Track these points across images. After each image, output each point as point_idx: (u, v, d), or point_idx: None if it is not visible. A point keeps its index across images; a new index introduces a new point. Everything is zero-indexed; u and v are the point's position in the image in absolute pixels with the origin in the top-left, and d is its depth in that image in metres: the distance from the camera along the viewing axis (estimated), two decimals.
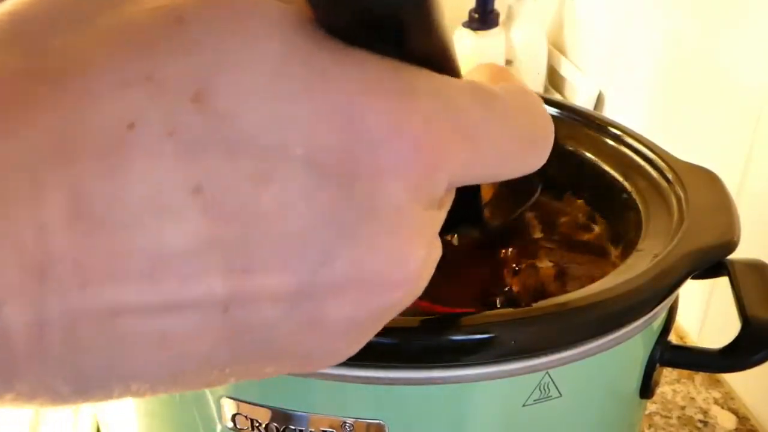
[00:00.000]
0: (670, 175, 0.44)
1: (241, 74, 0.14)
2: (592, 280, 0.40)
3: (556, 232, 0.49)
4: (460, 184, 0.18)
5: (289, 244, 0.15)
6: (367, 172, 0.15)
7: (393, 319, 0.32)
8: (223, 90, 0.14)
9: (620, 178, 0.47)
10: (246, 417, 0.34)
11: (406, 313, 0.37)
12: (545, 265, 0.44)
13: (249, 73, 0.14)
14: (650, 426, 0.59)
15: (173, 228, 0.14)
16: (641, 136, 0.48)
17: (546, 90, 0.99)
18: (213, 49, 0.14)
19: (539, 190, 0.40)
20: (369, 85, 0.15)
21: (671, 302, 0.39)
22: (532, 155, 0.19)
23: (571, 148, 0.51)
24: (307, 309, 0.15)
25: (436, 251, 0.18)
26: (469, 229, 0.30)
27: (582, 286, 0.37)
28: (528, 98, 0.20)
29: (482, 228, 0.31)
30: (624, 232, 0.46)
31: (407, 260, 0.16)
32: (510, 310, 0.37)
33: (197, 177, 0.14)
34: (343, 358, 0.17)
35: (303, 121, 0.15)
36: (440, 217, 0.18)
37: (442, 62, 0.18)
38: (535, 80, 0.97)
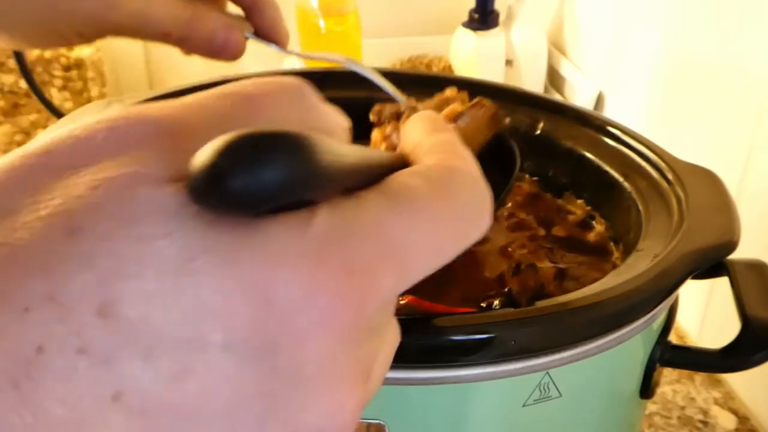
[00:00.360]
0: (670, 175, 0.44)
1: (143, 278, 0.14)
2: (592, 280, 0.40)
3: (556, 232, 0.49)
4: (399, 293, 0.17)
5: (219, 428, 0.15)
6: (287, 342, 0.15)
7: None
8: (127, 298, 0.14)
9: (620, 178, 0.47)
10: None
11: (407, 313, 0.37)
12: (545, 265, 0.44)
13: (151, 275, 0.14)
14: (650, 426, 0.59)
15: None
16: (641, 136, 0.48)
17: (546, 90, 0.99)
18: (110, 258, 0.14)
19: (519, 161, 0.40)
20: (276, 255, 0.15)
21: (671, 302, 0.39)
22: (472, 231, 0.19)
23: (571, 148, 0.51)
24: None
25: (379, 374, 0.18)
26: None
27: (582, 287, 0.37)
28: (457, 174, 0.19)
29: None
30: (624, 232, 0.46)
31: (342, 412, 0.16)
32: (510, 310, 0.37)
33: (115, 385, 0.14)
34: None
35: (214, 308, 0.14)
36: (382, 340, 0.17)
37: (353, 178, 0.17)
38: (535, 80, 0.97)
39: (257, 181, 0.14)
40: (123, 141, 0.16)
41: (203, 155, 0.14)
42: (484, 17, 0.95)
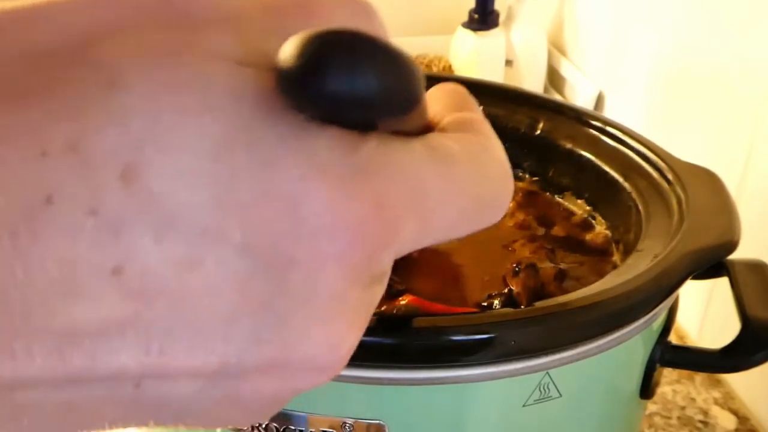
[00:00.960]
0: (670, 175, 0.44)
1: (178, 153, 0.13)
2: (593, 280, 0.40)
3: (557, 232, 0.49)
4: (406, 252, 0.17)
5: (214, 328, 0.14)
6: (304, 261, 0.14)
7: (393, 319, 0.32)
8: (156, 168, 0.13)
9: (620, 178, 0.47)
10: None
11: (407, 313, 0.37)
12: (545, 265, 0.44)
13: (186, 152, 0.13)
14: (650, 426, 0.59)
15: (86, 309, 0.13)
16: (641, 136, 0.48)
17: (546, 90, 0.99)
18: (148, 121, 0.13)
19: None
20: (316, 168, 0.14)
21: (671, 302, 0.39)
22: (488, 215, 0.19)
23: (571, 148, 0.51)
24: (227, 387, 0.15)
25: (365, 326, 0.17)
26: None
27: (582, 287, 0.37)
28: (488, 153, 0.18)
29: None
30: (624, 232, 0.46)
31: (339, 348, 0.16)
32: (510, 310, 0.37)
33: (118, 258, 0.13)
34: (258, 422, 0.17)
35: (241, 206, 0.14)
36: (381, 291, 0.17)
37: (413, 121, 0.17)
38: (535, 80, 0.97)
39: (359, 83, 0.13)
40: (195, 14, 0.15)
41: (304, 44, 0.13)
42: (484, 17, 0.95)
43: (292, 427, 0.33)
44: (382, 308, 0.39)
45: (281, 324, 0.15)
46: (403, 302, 0.37)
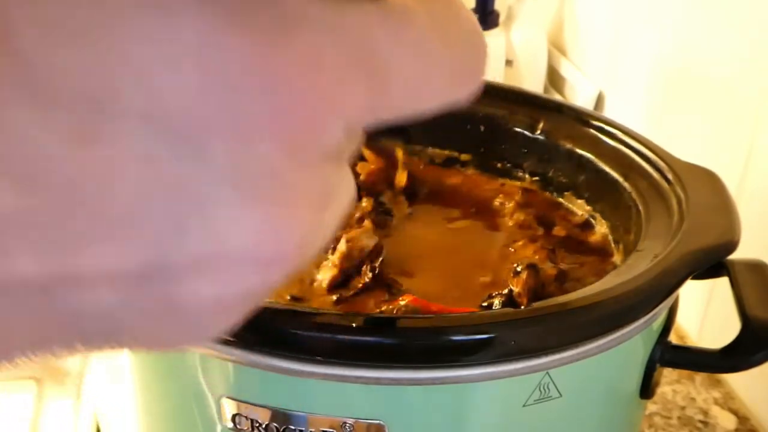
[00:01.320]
0: (670, 176, 0.44)
1: (55, 5, 0.11)
2: (593, 281, 0.40)
3: (557, 233, 0.49)
4: (366, 125, 0.14)
5: (123, 219, 0.12)
6: (227, 131, 0.12)
7: (393, 319, 0.32)
8: (28, 26, 0.11)
9: (620, 178, 0.47)
10: (246, 417, 0.34)
11: (407, 313, 0.37)
12: (546, 265, 0.44)
13: (67, 3, 0.11)
14: (650, 426, 0.59)
15: None
16: (641, 136, 0.48)
17: (546, 90, 0.99)
18: None
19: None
20: (237, 17, 0.12)
21: (671, 302, 0.39)
22: (458, 86, 0.16)
23: (571, 148, 0.51)
24: (156, 293, 0.13)
25: (336, 210, 0.15)
26: (394, 138, 0.28)
27: (582, 287, 0.37)
28: (457, 13, 0.16)
29: (406, 135, 0.28)
30: (624, 232, 0.46)
31: (280, 234, 0.13)
32: (510, 310, 0.37)
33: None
34: (211, 339, 0.15)
35: (143, 66, 0.11)
36: (340, 171, 0.15)
37: None
38: (535, 80, 0.97)
39: None
40: None
41: None
42: (484, 17, 0.95)
43: (292, 427, 0.33)
44: (383, 308, 0.39)
45: (204, 208, 0.12)
46: (402, 302, 0.37)
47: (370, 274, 0.41)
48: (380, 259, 0.42)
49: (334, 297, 0.41)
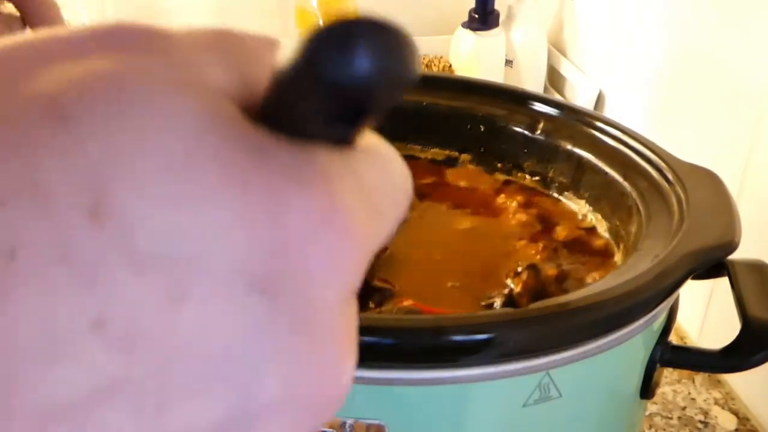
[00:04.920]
0: (670, 176, 0.44)
1: (140, 177, 0.12)
2: (593, 280, 0.40)
3: (558, 233, 0.49)
4: (373, 254, 0.15)
5: (212, 369, 0.13)
6: (296, 276, 0.13)
7: (393, 320, 0.32)
8: (121, 198, 0.12)
9: (620, 178, 0.47)
10: None
11: (406, 313, 0.37)
12: (546, 266, 0.44)
13: (149, 175, 0.12)
14: (650, 426, 0.59)
15: (67, 375, 0.12)
16: (641, 136, 0.48)
17: (546, 90, 0.99)
18: (103, 151, 0.12)
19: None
20: (288, 177, 0.13)
21: (671, 303, 0.39)
22: (402, 210, 0.17)
23: (571, 148, 0.51)
24: None
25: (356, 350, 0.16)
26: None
27: (582, 287, 0.37)
28: (389, 148, 0.17)
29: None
30: (624, 232, 0.46)
31: (342, 375, 0.14)
32: (510, 310, 0.37)
33: (97, 306, 0.12)
34: None
35: (219, 227, 0.12)
36: (355, 308, 0.15)
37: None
38: (535, 80, 0.97)
39: (386, 63, 0.13)
40: (124, 39, 0.14)
41: (332, 30, 0.12)
42: (484, 17, 0.95)
43: None
44: (382, 308, 0.39)
45: (280, 353, 0.13)
46: (403, 304, 0.37)
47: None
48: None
49: None
